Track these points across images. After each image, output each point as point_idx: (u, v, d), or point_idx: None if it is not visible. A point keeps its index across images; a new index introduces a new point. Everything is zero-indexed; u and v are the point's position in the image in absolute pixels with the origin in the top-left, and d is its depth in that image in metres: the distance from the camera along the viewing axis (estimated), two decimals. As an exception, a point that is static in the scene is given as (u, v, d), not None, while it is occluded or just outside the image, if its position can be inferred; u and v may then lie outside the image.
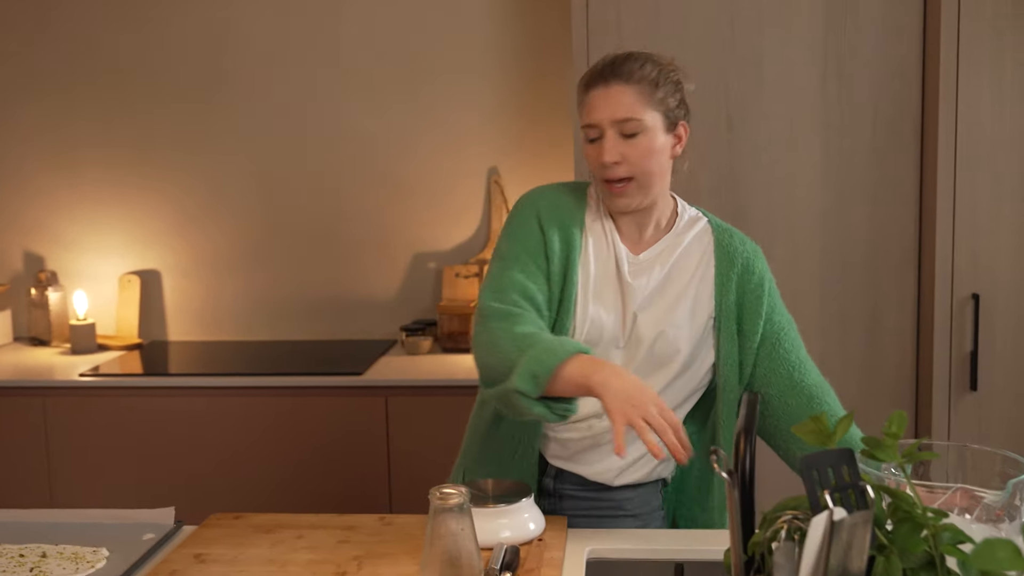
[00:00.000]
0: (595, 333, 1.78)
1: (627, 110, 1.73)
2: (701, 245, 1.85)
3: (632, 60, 1.77)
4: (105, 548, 1.69)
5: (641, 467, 1.85)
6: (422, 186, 3.45)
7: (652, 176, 1.77)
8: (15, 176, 3.58)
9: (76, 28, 3.50)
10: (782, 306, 1.88)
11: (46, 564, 1.64)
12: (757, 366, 1.84)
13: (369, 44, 3.40)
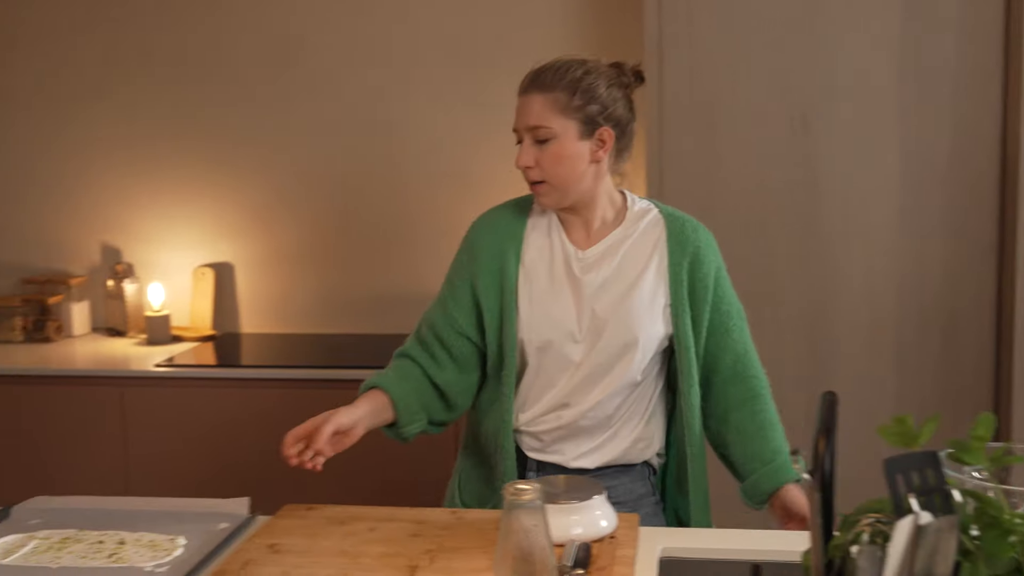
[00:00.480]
0: (547, 329, 1.88)
1: (537, 118, 1.84)
2: (653, 235, 1.93)
3: (550, 70, 1.86)
4: (182, 537, 1.72)
5: (612, 448, 1.92)
6: (490, 183, 3.45)
7: (564, 180, 1.86)
8: (93, 171, 3.65)
9: (150, 25, 3.55)
10: (732, 296, 1.95)
11: (124, 551, 1.67)
12: (706, 353, 1.92)
13: (438, 43, 3.41)
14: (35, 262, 3.71)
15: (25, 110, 3.65)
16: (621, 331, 1.86)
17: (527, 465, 1.95)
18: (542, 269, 1.91)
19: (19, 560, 1.64)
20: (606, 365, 1.87)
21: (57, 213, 3.68)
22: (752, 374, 1.94)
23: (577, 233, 1.93)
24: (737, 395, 1.93)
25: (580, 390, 1.89)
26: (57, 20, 3.60)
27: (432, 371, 1.95)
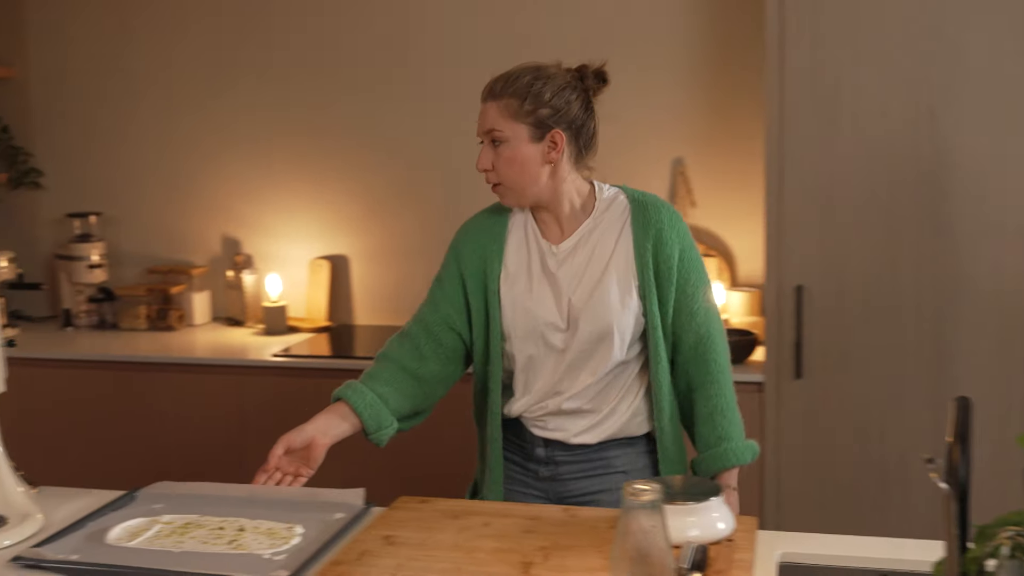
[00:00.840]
0: (529, 323, 1.99)
1: (490, 123, 1.96)
2: (619, 221, 2.01)
3: (502, 79, 1.98)
4: (299, 525, 1.74)
5: (611, 424, 2.01)
6: (602, 177, 3.41)
7: (517, 181, 1.97)
8: (215, 163, 3.73)
9: (273, 19, 3.62)
10: (700, 276, 2.01)
11: (243, 538, 1.70)
12: (674, 333, 2.00)
13: (552, 38, 3.39)
14: (159, 252, 3.81)
15: (149, 104, 3.76)
16: (595, 321, 1.95)
17: (535, 442, 2.04)
18: (522, 268, 2.03)
19: (143, 543, 1.68)
20: (588, 351, 1.96)
21: (180, 205, 3.78)
22: (712, 357, 2.00)
23: (551, 229, 2.03)
24: (697, 376, 2.01)
25: (568, 376, 1.98)
26: (179, 14, 3.69)
27: (413, 365, 2.06)
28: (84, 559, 1.61)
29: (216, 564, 1.58)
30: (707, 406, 2.00)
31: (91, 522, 1.78)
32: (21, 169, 3.83)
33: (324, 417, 1.99)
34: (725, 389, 2.01)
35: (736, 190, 3.32)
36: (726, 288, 3.27)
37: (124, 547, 1.66)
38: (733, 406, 2.01)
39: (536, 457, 2.05)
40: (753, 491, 2.86)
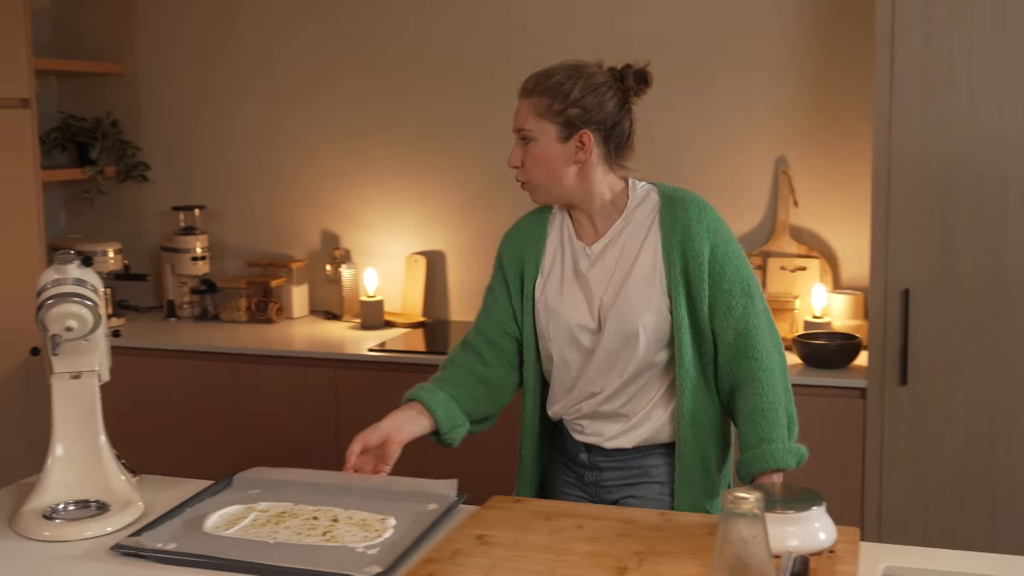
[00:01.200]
0: (560, 325, 2.01)
1: (521, 121, 1.98)
2: (648, 219, 1.99)
3: (537, 76, 1.99)
4: (392, 517, 1.74)
5: (647, 428, 1.99)
6: (703, 175, 3.37)
7: (542, 180, 1.98)
8: (315, 158, 3.77)
9: (372, 14, 3.64)
10: (738, 272, 1.95)
11: (336, 529, 1.70)
12: (713, 333, 1.96)
13: (656, 36, 3.35)
14: (260, 246, 3.87)
15: (252, 99, 3.82)
16: (621, 320, 1.95)
17: (577, 447, 2.06)
18: (556, 270, 2.04)
19: (239, 532, 1.70)
20: (615, 351, 1.96)
21: (281, 199, 3.83)
22: (752, 355, 1.94)
23: (585, 229, 2.03)
24: (738, 374, 1.96)
25: (599, 377, 1.98)
26: (280, 9, 3.73)
27: (480, 369, 2.09)
28: (182, 548, 1.63)
29: (310, 558, 1.59)
30: (747, 405, 1.94)
31: (189, 508, 1.81)
32: (129, 163, 3.92)
33: (398, 415, 2.01)
34: (767, 388, 1.93)
35: (840, 191, 3.23)
36: (828, 291, 3.19)
37: (221, 536, 1.68)
38: (776, 407, 1.93)
39: (580, 462, 2.06)
40: (854, 501, 2.79)
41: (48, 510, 1.76)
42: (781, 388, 1.97)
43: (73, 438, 1.82)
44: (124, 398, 3.38)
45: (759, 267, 3.26)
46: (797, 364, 2.95)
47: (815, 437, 2.81)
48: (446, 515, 1.76)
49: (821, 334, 3.01)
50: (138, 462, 2.29)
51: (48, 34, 3.96)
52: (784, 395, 1.97)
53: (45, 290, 1.78)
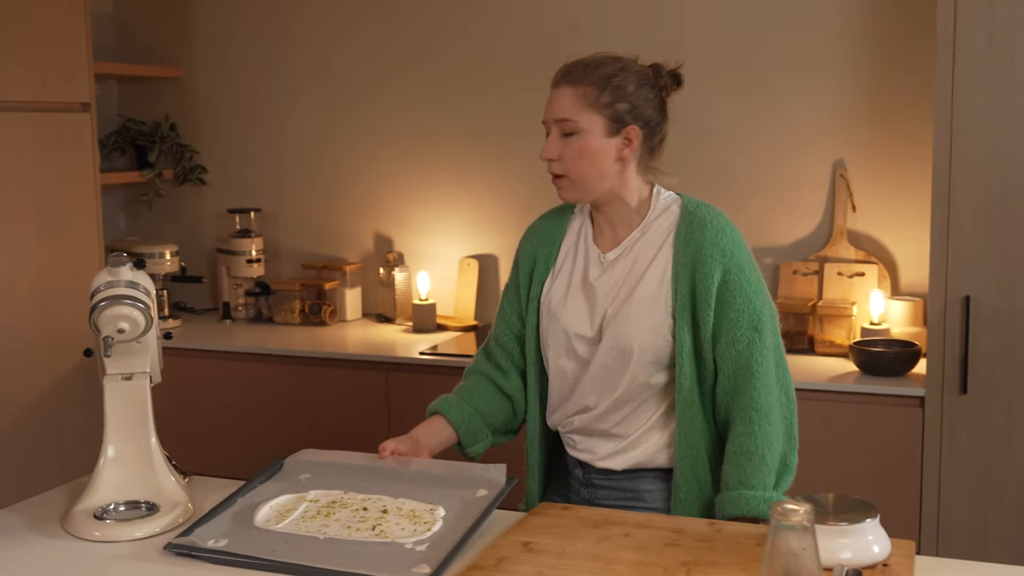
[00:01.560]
0: (558, 332, 1.95)
1: (565, 111, 1.86)
2: (665, 232, 1.91)
3: (584, 65, 1.88)
4: (441, 508, 1.74)
5: (640, 452, 1.93)
6: (759, 179, 3.33)
7: (585, 176, 1.88)
8: (370, 162, 3.78)
9: (425, 17, 3.64)
10: (748, 303, 1.85)
11: (386, 522, 1.71)
12: (715, 362, 1.88)
13: (712, 38, 3.31)
14: (314, 248, 3.89)
15: (306, 103, 3.84)
16: (618, 334, 1.88)
17: (571, 462, 2.01)
18: (565, 274, 1.98)
19: (290, 526, 1.70)
20: (610, 366, 1.89)
21: (335, 202, 3.85)
22: (749, 393, 1.85)
23: (603, 235, 1.97)
24: (732, 411, 1.88)
25: (594, 390, 1.92)
26: (335, 14, 3.75)
27: (501, 381, 2.06)
28: (233, 546, 1.64)
29: (360, 557, 1.59)
30: (734, 444, 1.86)
31: (240, 497, 1.82)
32: (187, 166, 3.96)
33: (425, 427, 2.03)
34: (758, 431, 1.84)
35: (900, 195, 3.17)
36: (887, 297, 3.13)
37: (272, 531, 1.69)
38: (765, 451, 1.84)
39: (575, 477, 2.02)
40: (911, 514, 2.73)
41: (99, 510, 1.77)
42: (778, 433, 1.87)
43: (124, 439, 1.84)
44: (178, 399, 3.42)
45: (816, 272, 3.21)
46: (854, 372, 2.90)
47: (872, 447, 2.77)
48: (495, 502, 1.76)
49: (879, 341, 2.96)
50: (191, 463, 2.32)
51: (110, 39, 4.02)
52: (783, 442, 1.88)
53: (98, 292, 1.80)
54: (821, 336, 3.10)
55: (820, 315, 3.10)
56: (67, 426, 3.26)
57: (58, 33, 3.23)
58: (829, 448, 2.80)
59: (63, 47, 3.25)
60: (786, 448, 1.90)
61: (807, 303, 3.14)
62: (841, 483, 2.77)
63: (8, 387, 3.12)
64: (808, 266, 3.23)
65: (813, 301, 3.16)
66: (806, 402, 2.80)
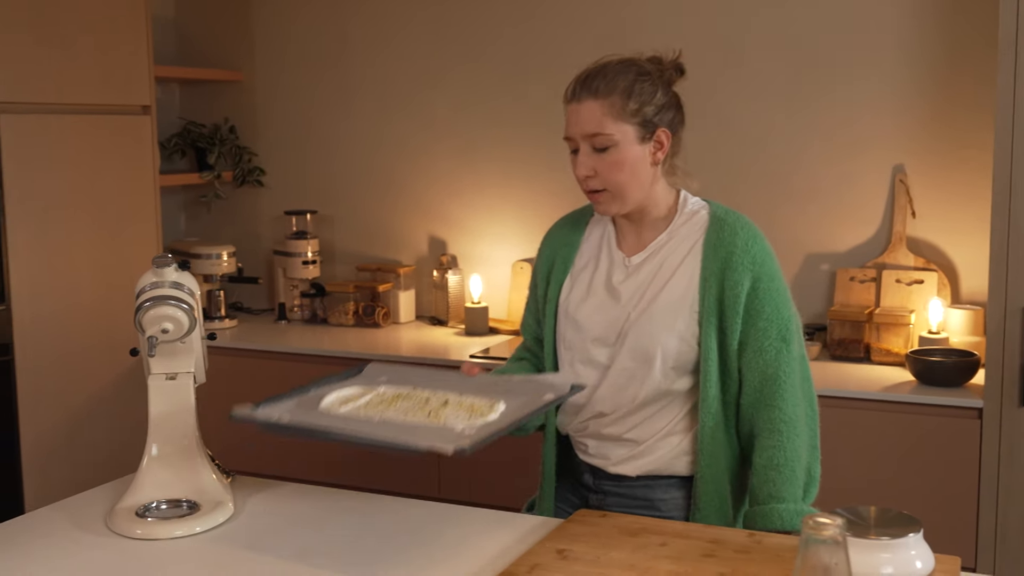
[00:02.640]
0: (575, 335, 1.92)
1: (595, 125, 1.82)
2: (693, 237, 1.88)
3: (601, 75, 1.84)
4: (502, 402, 1.75)
5: (655, 459, 1.90)
6: (816, 185, 3.28)
7: (624, 186, 1.84)
8: (423, 164, 3.80)
9: (479, 18, 3.64)
10: (776, 312, 1.83)
11: (444, 411, 1.73)
12: (740, 371, 1.85)
13: (771, 42, 3.27)
14: (369, 250, 3.91)
15: (362, 105, 3.86)
16: (640, 338, 1.85)
17: (581, 467, 1.99)
18: (585, 277, 1.95)
19: (351, 411, 1.74)
20: (631, 370, 1.86)
21: (390, 204, 3.86)
22: (777, 404, 1.82)
23: (628, 239, 1.94)
24: (758, 422, 1.84)
25: (613, 396, 1.89)
26: (390, 16, 3.77)
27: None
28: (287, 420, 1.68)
29: (402, 433, 1.61)
30: (762, 457, 1.83)
31: (314, 388, 1.86)
32: (245, 168, 4.01)
33: None
34: (787, 442, 1.81)
35: (961, 202, 3.10)
36: (946, 305, 3.06)
37: (332, 414, 1.73)
38: (795, 463, 1.81)
39: (585, 483, 1.99)
40: (968, 529, 2.66)
41: (141, 508, 1.79)
42: (805, 444, 1.84)
43: (167, 438, 1.86)
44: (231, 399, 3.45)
45: (873, 280, 3.15)
46: (910, 381, 2.84)
47: (927, 459, 2.71)
48: (554, 403, 1.79)
49: (937, 350, 2.89)
50: (241, 463, 2.34)
51: (172, 44, 4.08)
52: (807, 452, 1.85)
53: (143, 292, 1.82)
54: (877, 344, 3.04)
55: (877, 323, 3.04)
56: (122, 423, 3.31)
57: (121, 38, 3.29)
58: (883, 460, 2.74)
59: (125, 51, 3.31)
60: (810, 459, 1.87)
61: (864, 311, 3.08)
62: (894, 496, 2.71)
63: (68, 384, 3.18)
64: (865, 273, 3.17)
65: (870, 309, 3.10)
66: (860, 412, 2.75)
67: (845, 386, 2.80)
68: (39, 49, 3.05)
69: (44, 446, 3.11)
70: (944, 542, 1.79)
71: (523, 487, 2.29)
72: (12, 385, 3.02)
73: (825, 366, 3.02)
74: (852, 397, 2.76)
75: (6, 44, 2.95)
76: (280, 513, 1.86)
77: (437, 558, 1.67)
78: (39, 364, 3.09)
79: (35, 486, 3.07)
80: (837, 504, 1.91)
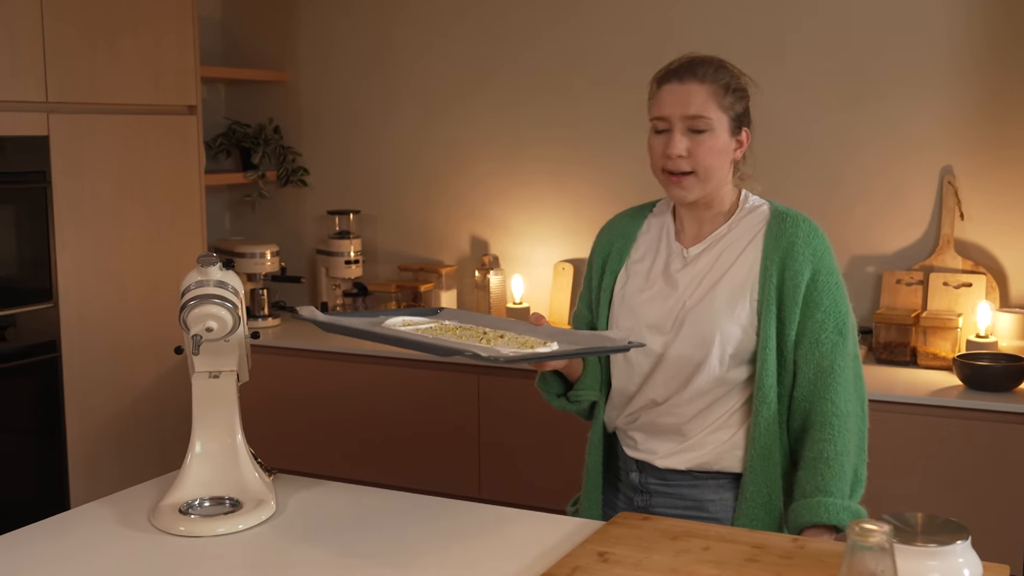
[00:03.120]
0: (630, 321, 1.92)
1: (698, 108, 1.85)
2: (754, 230, 1.90)
3: (707, 63, 1.89)
4: (556, 343, 1.77)
5: (706, 452, 1.89)
6: (863, 186, 3.24)
7: (712, 171, 1.87)
8: (465, 165, 3.80)
9: (523, 24, 3.64)
10: (834, 305, 1.85)
11: (498, 341, 1.78)
12: (795, 364, 1.85)
13: (819, 44, 3.24)
14: (411, 250, 3.92)
15: (405, 105, 3.87)
16: (699, 325, 1.85)
17: (628, 465, 1.98)
18: (642, 268, 1.96)
19: (410, 330, 1.81)
20: (688, 356, 1.86)
21: (433, 204, 3.87)
22: (830, 397, 1.83)
23: (688, 232, 1.96)
24: (811, 415, 1.85)
25: (667, 382, 1.89)
26: (435, 16, 3.77)
27: None
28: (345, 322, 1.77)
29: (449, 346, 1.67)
30: (812, 450, 1.82)
31: (383, 315, 1.92)
32: (289, 168, 4.04)
33: None
34: (838, 436, 1.80)
35: (1010, 204, 3.06)
36: (994, 308, 3.01)
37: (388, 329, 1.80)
38: (844, 459, 1.80)
39: (631, 483, 1.98)
40: (1016, 537, 2.62)
41: (184, 505, 1.81)
42: (854, 442, 1.84)
43: (210, 436, 1.87)
44: (273, 397, 3.48)
45: (920, 282, 3.11)
46: (957, 386, 2.80)
47: (975, 465, 2.67)
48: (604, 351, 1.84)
49: (985, 355, 2.85)
50: (283, 460, 2.35)
51: (219, 43, 4.12)
52: (856, 452, 1.84)
53: (188, 291, 1.84)
54: (924, 348, 3.00)
55: (924, 326, 3.00)
56: (168, 420, 3.35)
57: (168, 38, 3.32)
58: (930, 465, 2.71)
59: (172, 52, 3.34)
60: (858, 461, 1.86)
61: (910, 314, 3.04)
62: (941, 502, 2.68)
63: (116, 382, 3.22)
64: (912, 275, 3.13)
65: (917, 312, 3.06)
66: (907, 416, 2.72)
67: (891, 390, 2.76)
68: (87, 50, 3.08)
69: (90, 442, 3.14)
70: (993, 550, 1.76)
71: (565, 489, 2.28)
72: (59, 382, 3.06)
73: (871, 370, 2.98)
74: (898, 401, 2.73)
75: (55, 45, 2.99)
76: (322, 512, 1.87)
77: (478, 559, 1.67)
78: (85, 361, 3.13)
79: (81, 482, 3.11)
80: (883, 510, 1.89)
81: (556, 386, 2.01)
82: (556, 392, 2.01)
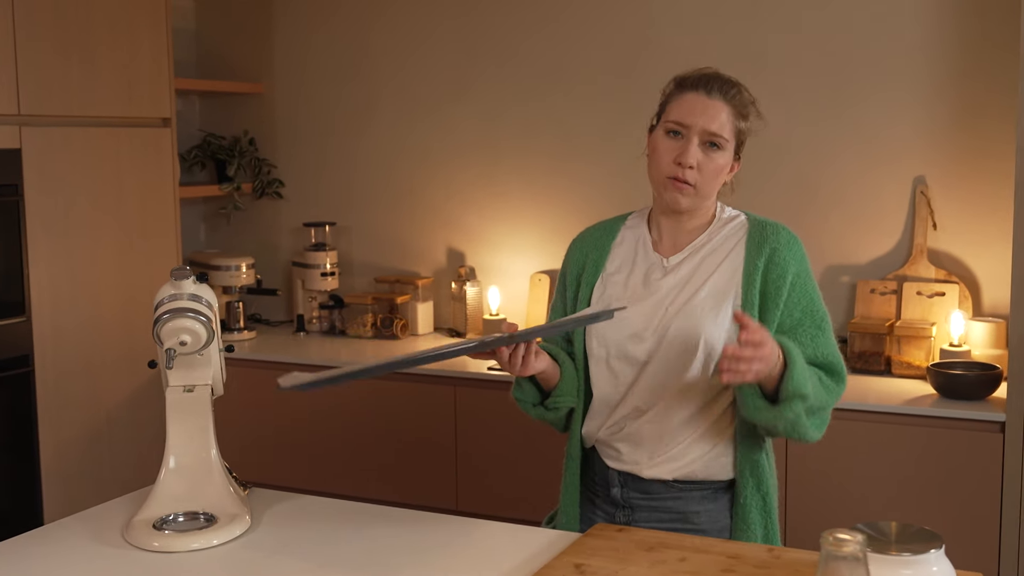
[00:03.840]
0: (611, 333, 1.92)
1: (720, 126, 1.87)
2: (733, 239, 1.93)
3: (733, 84, 1.91)
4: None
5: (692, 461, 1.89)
6: (838, 196, 3.26)
7: (711, 189, 1.91)
8: (442, 176, 3.80)
9: (500, 37, 3.65)
10: (810, 304, 1.89)
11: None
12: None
13: (793, 53, 3.26)
14: (387, 262, 3.92)
15: (381, 118, 3.87)
16: (683, 330, 1.87)
17: (610, 480, 1.96)
18: (620, 279, 1.97)
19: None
20: (672, 362, 1.87)
21: (409, 216, 3.87)
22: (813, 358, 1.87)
23: (667, 240, 1.97)
24: None
25: (652, 390, 1.89)
26: (411, 29, 3.78)
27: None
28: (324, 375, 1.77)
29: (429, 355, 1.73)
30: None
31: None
32: (265, 180, 4.02)
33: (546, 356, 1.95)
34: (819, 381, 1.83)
35: (983, 213, 3.08)
36: (968, 317, 3.03)
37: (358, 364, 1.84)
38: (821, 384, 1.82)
39: (612, 498, 1.97)
40: (990, 545, 2.64)
41: (158, 521, 1.79)
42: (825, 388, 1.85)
43: (185, 451, 1.86)
44: (249, 411, 3.46)
45: (894, 292, 3.13)
46: (931, 395, 2.82)
47: (949, 474, 2.68)
48: (587, 320, 1.87)
49: (959, 363, 2.87)
50: (259, 474, 2.34)
51: (193, 55, 4.11)
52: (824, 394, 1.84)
53: (161, 305, 1.83)
54: (898, 357, 3.02)
55: (898, 335, 3.02)
56: (143, 435, 3.32)
57: (142, 50, 3.31)
58: (904, 474, 2.72)
59: (147, 64, 3.33)
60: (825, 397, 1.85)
61: (884, 323, 3.06)
62: (916, 511, 2.69)
63: (90, 396, 3.19)
64: (886, 285, 3.15)
65: (891, 321, 3.08)
66: (881, 425, 2.73)
67: (865, 399, 2.78)
68: (60, 62, 3.07)
69: (63, 457, 3.12)
70: (966, 558, 1.77)
71: (542, 501, 2.28)
72: (32, 396, 3.04)
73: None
74: (872, 410, 2.74)
75: (28, 57, 2.97)
76: (297, 526, 1.86)
77: (454, 572, 1.66)
78: (59, 375, 3.10)
79: (54, 497, 3.08)
80: (857, 519, 1.90)
81: (533, 395, 1.99)
82: (533, 401, 2.00)
